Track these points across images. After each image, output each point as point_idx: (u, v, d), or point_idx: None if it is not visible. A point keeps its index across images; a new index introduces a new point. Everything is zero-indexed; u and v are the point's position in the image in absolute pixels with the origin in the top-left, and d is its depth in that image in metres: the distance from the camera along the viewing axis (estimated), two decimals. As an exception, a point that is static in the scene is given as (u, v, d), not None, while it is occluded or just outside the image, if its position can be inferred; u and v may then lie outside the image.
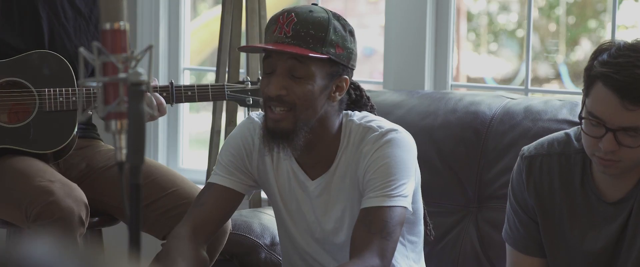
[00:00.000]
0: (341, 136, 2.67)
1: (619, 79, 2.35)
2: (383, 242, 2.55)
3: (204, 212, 2.71)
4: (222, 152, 2.78)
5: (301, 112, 2.58)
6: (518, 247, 2.68)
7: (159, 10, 4.21)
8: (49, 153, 3.09)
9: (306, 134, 2.60)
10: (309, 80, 2.58)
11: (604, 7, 6.90)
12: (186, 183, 3.13)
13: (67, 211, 2.86)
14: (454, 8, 3.81)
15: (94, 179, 3.17)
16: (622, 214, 2.53)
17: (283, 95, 2.58)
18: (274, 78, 2.58)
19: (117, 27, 1.78)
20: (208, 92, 3.07)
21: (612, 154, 2.41)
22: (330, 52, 2.58)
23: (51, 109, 3.03)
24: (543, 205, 2.61)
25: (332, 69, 2.60)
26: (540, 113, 3.25)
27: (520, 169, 2.63)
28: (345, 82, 2.63)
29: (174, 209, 3.06)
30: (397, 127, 2.66)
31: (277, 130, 2.60)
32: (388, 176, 2.59)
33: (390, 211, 2.57)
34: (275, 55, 2.58)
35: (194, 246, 2.66)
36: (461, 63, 6.36)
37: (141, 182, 1.70)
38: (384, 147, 2.61)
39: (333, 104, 2.64)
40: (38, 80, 3.05)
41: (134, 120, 1.69)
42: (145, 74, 1.72)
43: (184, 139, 4.33)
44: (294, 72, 2.57)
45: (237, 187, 2.73)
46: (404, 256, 2.78)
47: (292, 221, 2.76)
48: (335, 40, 2.58)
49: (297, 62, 2.56)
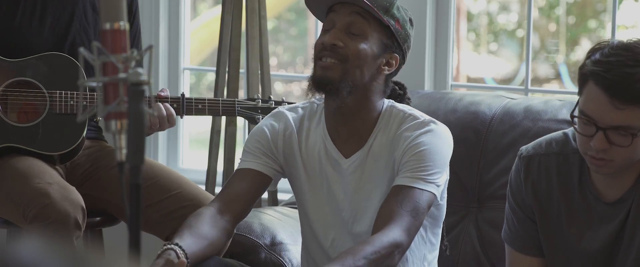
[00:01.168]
0: (380, 117, 2.73)
1: (608, 78, 2.36)
2: (411, 220, 2.59)
3: (230, 192, 2.73)
4: (247, 142, 2.82)
5: (351, 68, 2.64)
6: (517, 247, 2.68)
7: (159, 10, 4.21)
8: (55, 155, 3.09)
9: (349, 94, 2.65)
10: (364, 40, 2.65)
11: (604, 7, 6.89)
12: (190, 185, 3.14)
13: (63, 214, 2.87)
14: (454, 8, 3.82)
15: (98, 178, 3.18)
16: (620, 214, 2.53)
17: (338, 46, 2.64)
18: (332, 30, 2.66)
19: (117, 27, 1.78)
20: (219, 106, 3.10)
21: (603, 153, 2.41)
22: (391, 23, 2.67)
23: (61, 111, 3.04)
24: (541, 205, 2.61)
25: (388, 40, 2.68)
26: (540, 113, 3.25)
27: (519, 169, 2.63)
28: (396, 61, 2.70)
29: (177, 210, 3.07)
30: (438, 121, 2.73)
31: (324, 78, 2.66)
32: (425, 161, 2.64)
33: (421, 193, 2.62)
34: (338, 9, 2.67)
35: (212, 223, 2.65)
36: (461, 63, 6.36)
37: (141, 182, 1.70)
38: (425, 134, 2.67)
39: (379, 78, 2.70)
40: (50, 82, 3.05)
41: (134, 120, 1.69)
42: (146, 74, 1.72)
43: (184, 139, 4.33)
44: (353, 28, 2.65)
45: (264, 169, 2.76)
46: (421, 255, 2.79)
47: (317, 206, 2.78)
48: (397, 16, 2.68)
49: (359, 17, 2.65)
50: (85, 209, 2.93)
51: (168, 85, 4.24)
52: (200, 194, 3.11)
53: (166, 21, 4.24)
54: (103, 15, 1.78)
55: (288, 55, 6.99)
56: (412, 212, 2.60)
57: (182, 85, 4.24)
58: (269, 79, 3.73)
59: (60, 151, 3.08)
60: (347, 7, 2.66)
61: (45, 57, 3.07)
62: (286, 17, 6.74)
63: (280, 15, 6.61)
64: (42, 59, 3.07)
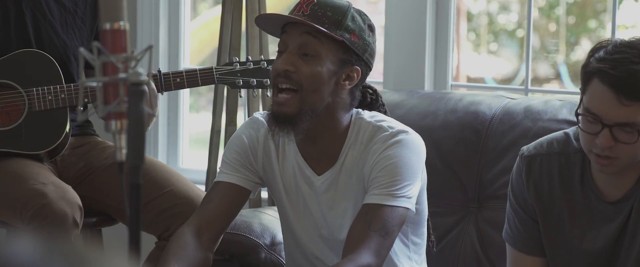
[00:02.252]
0: (349, 131, 2.67)
1: (615, 75, 2.36)
2: (380, 240, 2.54)
3: (210, 209, 2.70)
4: (226, 151, 2.78)
5: (307, 94, 2.58)
6: (518, 247, 2.68)
7: (159, 10, 4.21)
8: (42, 153, 3.08)
9: (311, 120, 2.60)
10: (318, 61, 2.58)
11: (604, 7, 6.89)
12: (182, 182, 3.12)
13: (60, 214, 2.86)
14: (454, 8, 3.81)
15: (93, 179, 3.16)
16: (621, 214, 2.53)
17: (290, 72, 2.58)
18: (285, 55, 2.59)
19: (117, 27, 1.78)
20: (197, 77, 3.04)
21: (608, 151, 2.41)
22: (345, 37, 2.59)
23: (41, 108, 3.02)
24: (543, 204, 2.61)
25: (345, 55, 2.60)
26: (540, 113, 3.25)
27: (520, 169, 2.63)
28: (357, 74, 2.62)
29: (170, 208, 3.06)
30: (407, 129, 2.66)
31: (280, 114, 2.60)
32: (394, 176, 2.59)
33: (391, 210, 2.57)
34: (289, 31, 2.59)
35: (196, 246, 2.65)
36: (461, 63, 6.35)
37: (142, 182, 1.70)
38: (392, 147, 2.61)
39: (342, 94, 2.63)
40: (25, 80, 3.04)
41: (134, 120, 1.69)
42: (145, 74, 1.72)
43: (184, 139, 4.33)
44: (305, 50, 2.57)
45: (244, 183, 2.73)
46: (406, 257, 2.78)
47: (298, 219, 2.76)
48: (351, 27, 2.60)
49: (310, 37, 2.57)
50: (82, 208, 2.92)
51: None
52: (192, 191, 3.09)
53: (166, 21, 4.24)
54: (103, 15, 1.78)
55: (288, 55, 6.98)
56: (380, 232, 2.55)
57: (182, 85, 4.24)
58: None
59: (46, 149, 3.07)
60: (298, 28, 2.59)
61: (15, 56, 3.05)
62: (286, 17, 6.73)
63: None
64: (12, 58, 3.05)
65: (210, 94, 3.91)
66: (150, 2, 4.20)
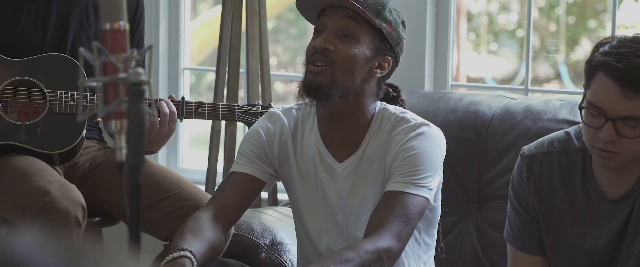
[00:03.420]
0: (373, 120, 2.71)
1: (620, 68, 2.37)
2: (402, 226, 2.58)
3: (224, 197, 2.73)
4: (243, 143, 2.81)
5: (340, 72, 2.63)
6: (519, 246, 2.68)
7: (159, 10, 4.21)
8: (54, 154, 3.09)
9: (340, 98, 2.64)
10: (356, 44, 2.64)
11: (604, 7, 6.89)
12: (189, 185, 3.13)
13: (63, 212, 2.87)
14: (454, 8, 3.81)
15: (97, 178, 3.18)
16: (623, 212, 2.53)
17: (328, 50, 2.63)
18: (323, 34, 2.65)
19: (117, 27, 1.78)
20: (218, 111, 3.10)
21: (611, 145, 2.41)
22: (383, 26, 2.65)
23: (61, 111, 3.04)
24: (544, 204, 2.61)
25: (380, 44, 2.67)
26: (540, 113, 3.25)
27: (521, 168, 2.63)
28: (388, 64, 2.68)
29: (176, 210, 3.07)
30: (430, 124, 2.71)
31: (314, 84, 2.64)
32: (416, 165, 2.63)
33: (413, 198, 2.61)
34: (330, 13, 2.65)
35: (212, 226, 2.66)
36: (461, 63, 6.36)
37: (142, 182, 1.70)
38: (416, 137, 2.66)
39: (371, 82, 2.68)
40: (51, 82, 3.06)
41: (134, 120, 1.69)
42: (145, 74, 1.72)
43: (184, 139, 4.33)
44: (344, 32, 2.63)
45: (258, 174, 2.75)
46: (416, 256, 2.79)
47: (311, 210, 2.77)
48: (389, 19, 2.67)
49: (350, 20, 2.64)
50: (85, 207, 2.93)
51: (168, 85, 4.24)
52: (199, 194, 3.11)
53: (166, 21, 4.24)
54: (103, 15, 1.78)
55: (288, 55, 6.99)
56: (402, 218, 2.58)
57: (182, 85, 4.24)
58: (269, 79, 3.73)
59: (59, 150, 3.08)
60: (339, 11, 2.65)
61: (46, 58, 3.07)
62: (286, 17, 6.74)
63: (280, 15, 6.61)
64: (43, 60, 3.07)
65: (210, 94, 3.91)
66: (150, 2, 4.20)
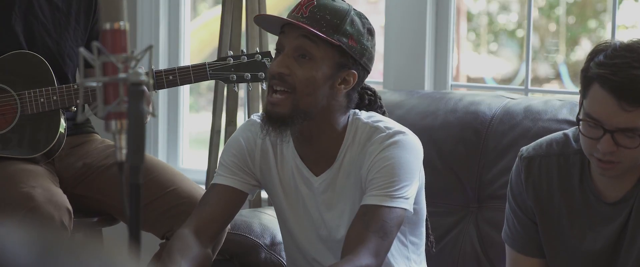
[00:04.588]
0: (346, 132, 2.66)
1: (615, 81, 2.34)
2: (379, 241, 2.54)
3: (207, 212, 2.70)
4: (224, 153, 2.77)
5: (301, 97, 2.57)
6: (517, 248, 2.68)
7: (159, 10, 4.21)
8: (37, 156, 3.07)
9: (304, 122, 2.59)
10: (314, 65, 2.56)
11: (604, 7, 6.90)
12: (185, 181, 3.11)
13: (47, 217, 2.85)
14: (454, 8, 3.81)
15: (93, 179, 3.16)
16: (621, 214, 2.53)
17: (284, 74, 2.56)
18: (280, 57, 2.58)
19: (117, 27, 1.78)
20: (189, 73, 3.00)
21: (610, 155, 2.40)
22: (342, 41, 2.57)
23: (33, 111, 3.01)
24: (542, 206, 2.61)
25: (341, 59, 2.58)
26: (540, 113, 3.25)
27: (519, 170, 2.63)
28: (353, 77, 2.60)
29: (173, 208, 3.05)
30: (404, 130, 2.65)
31: (273, 114, 2.59)
32: (391, 177, 2.58)
33: (389, 211, 2.57)
34: (287, 32, 2.58)
35: (197, 244, 2.65)
36: (461, 63, 6.36)
37: (141, 182, 1.70)
38: (389, 148, 2.60)
39: (338, 97, 2.62)
40: (17, 83, 3.02)
41: (134, 120, 1.69)
42: (145, 74, 1.72)
43: (184, 139, 4.33)
44: (301, 51, 2.56)
45: (241, 186, 2.72)
46: (404, 257, 2.78)
47: (296, 221, 2.76)
48: (349, 32, 2.58)
49: (306, 40, 2.55)
50: (71, 210, 2.91)
51: (168, 85, 4.24)
52: (195, 191, 3.08)
53: (166, 21, 4.24)
54: (103, 15, 1.78)
55: (288, 55, 6.99)
56: (379, 233, 2.54)
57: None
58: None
59: (39, 153, 3.05)
60: (295, 30, 2.57)
61: (5, 59, 3.04)
62: (286, 17, 6.74)
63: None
64: (3, 61, 3.04)
65: (210, 94, 3.91)
66: (150, 2, 4.20)
